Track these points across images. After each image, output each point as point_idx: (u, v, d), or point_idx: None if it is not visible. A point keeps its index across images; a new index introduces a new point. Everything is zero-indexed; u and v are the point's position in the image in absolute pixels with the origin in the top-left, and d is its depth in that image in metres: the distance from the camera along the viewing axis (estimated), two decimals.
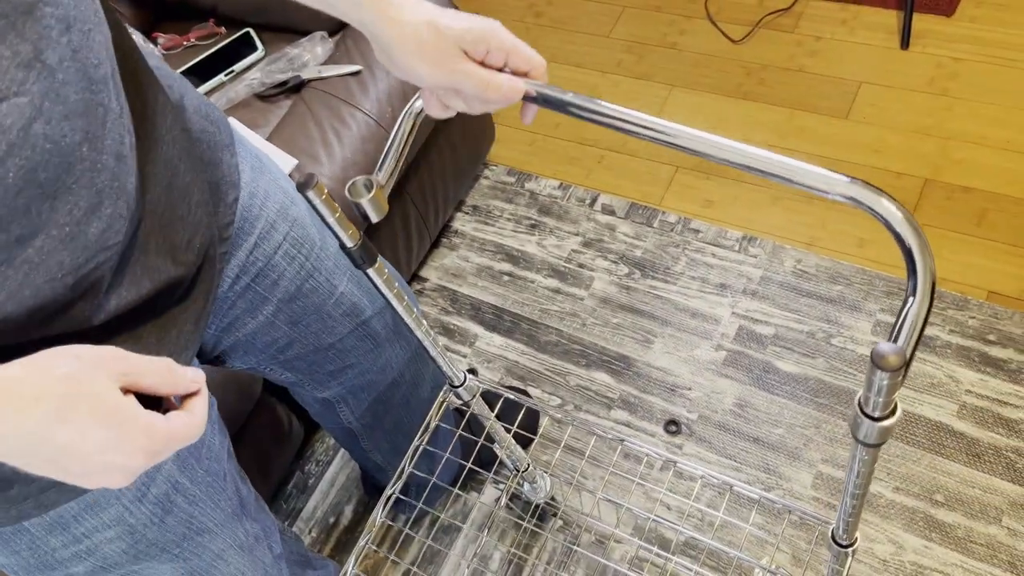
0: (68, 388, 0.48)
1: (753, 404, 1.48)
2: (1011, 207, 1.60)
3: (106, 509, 0.66)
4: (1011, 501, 1.31)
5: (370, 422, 1.18)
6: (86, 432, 0.48)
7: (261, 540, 0.89)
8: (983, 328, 1.48)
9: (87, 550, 0.67)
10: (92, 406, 0.48)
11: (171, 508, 0.71)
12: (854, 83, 1.85)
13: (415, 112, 0.73)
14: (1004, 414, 1.39)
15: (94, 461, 0.49)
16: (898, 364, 0.48)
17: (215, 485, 0.78)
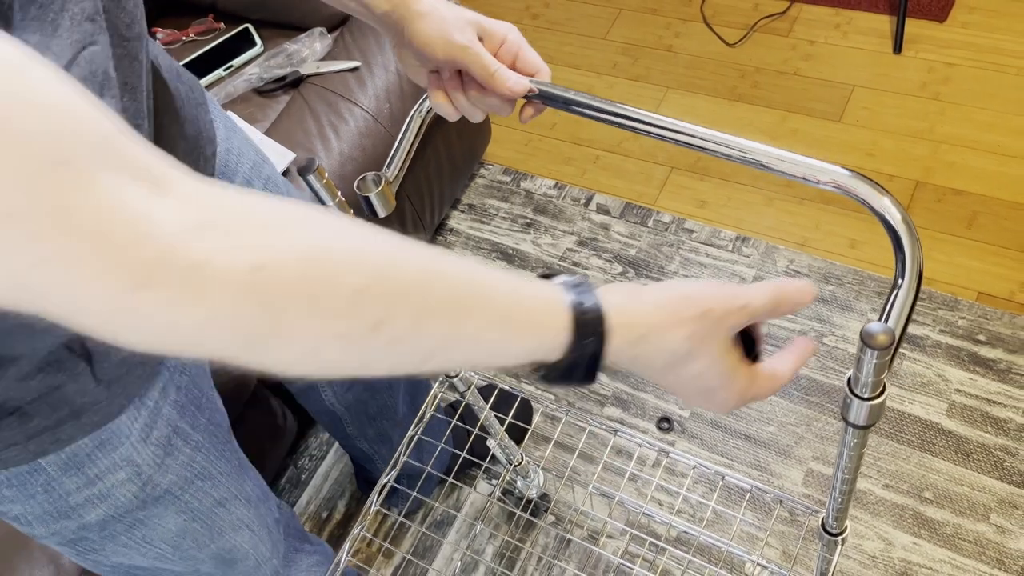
0: (689, 345, 0.51)
1: None
2: (1001, 210, 1.62)
3: (117, 448, 0.67)
4: (999, 499, 1.32)
5: (352, 404, 1.19)
6: (694, 382, 0.53)
7: (264, 500, 0.90)
8: (973, 328, 1.49)
9: (100, 494, 0.68)
10: (708, 369, 0.53)
11: (171, 450, 0.72)
12: (847, 87, 1.87)
13: (424, 112, 0.75)
14: (993, 413, 1.40)
15: (697, 393, 0.55)
16: (887, 342, 0.49)
17: (217, 435, 0.79)
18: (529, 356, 0.48)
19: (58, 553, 1.12)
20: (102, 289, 0.34)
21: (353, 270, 0.40)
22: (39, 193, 0.32)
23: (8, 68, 0.32)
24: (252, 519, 0.86)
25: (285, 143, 1.37)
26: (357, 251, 0.41)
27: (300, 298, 0.39)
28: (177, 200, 0.36)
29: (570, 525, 1.42)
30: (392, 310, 0.42)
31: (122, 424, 0.66)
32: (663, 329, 0.51)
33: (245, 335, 0.38)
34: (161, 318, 0.36)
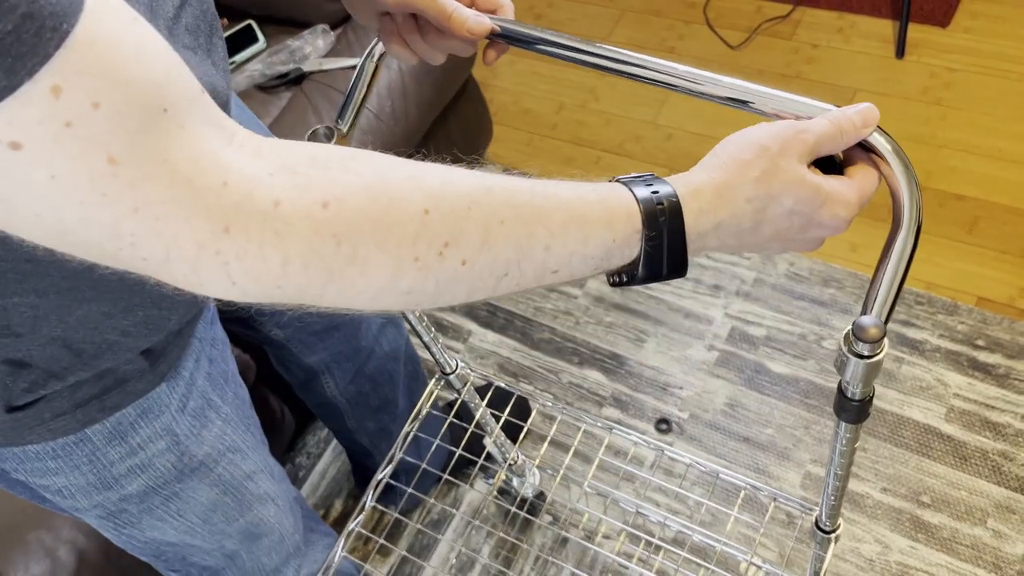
0: (765, 189, 0.50)
1: (744, 404, 1.49)
2: (1002, 215, 1.62)
3: (159, 417, 0.68)
4: (996, 503, 1.32)
5: (355, 396, 1.19)
6: (787, 220, 0.51)
7: (285, 479, 0.91)
8: (972, 333, 1.49)
9: (141, 464, 0.69)
10: (789, 197, 0.50)
11: (206, 422, 0.73)
12: (849, 91, 1.87)
13: (376, 56, 0.72)
14: (991, 418, 1.40)
15: (790, 239, 0.53)
16: (879, 335, 0.49)
17: (243, 410, 0.80)
18: (607, 254, 0.47)
19: (55, 545, 1.12)
20: (192, 234, 0.36)
21: (413, 195, 0.41)
22: (142, 138, 0.33)
23: (117, 16, 0.34)
24: (277, 493, 0.87)
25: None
26: (414, 177, 0.42)
27: (368, 227, 0.40)
28: (250, 151, 0.38)
29: (566, 524, 1.42)
30: (459, 226, 0.42)
31: (162, 393, 0.68)
32: (732, 182, 0.50)
33: (325, 270, 0.39)
34: (247, 261, 0.37)
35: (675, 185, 0.49)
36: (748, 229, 0.51)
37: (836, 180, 0.53)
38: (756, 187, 0.50)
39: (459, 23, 0.61)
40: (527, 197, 0.45)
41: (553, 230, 0.45)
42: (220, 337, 0.78)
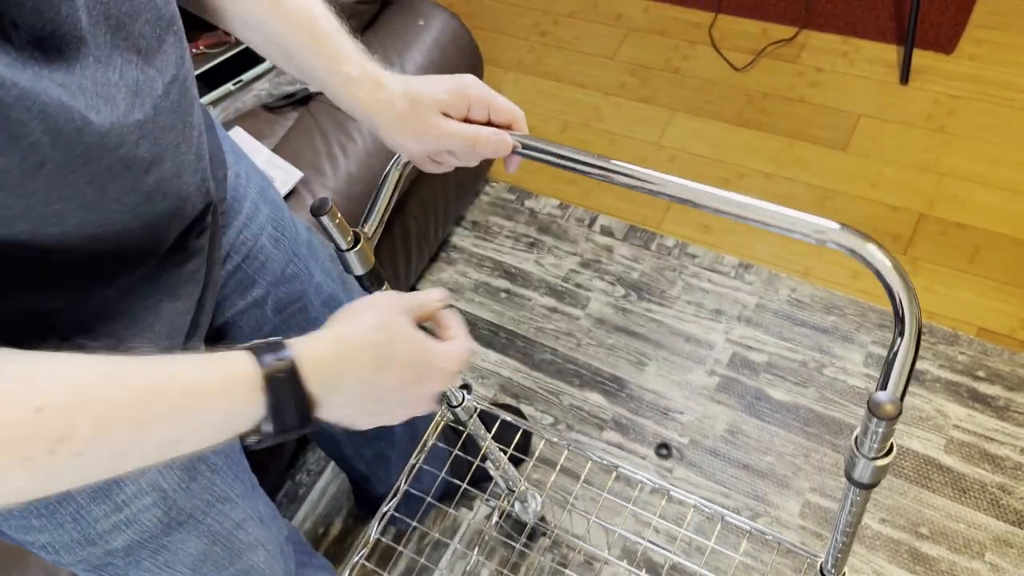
0: (383, 336, 0.57)
1: (744, 431, 1.50)
2: (1003, 245, 1.62)
3: (144, 473, 0.68)
4: (995, 537, 1.33)
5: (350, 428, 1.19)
6: (404, 369, 0.58)
7: (275, 519, 0.91)
8: (972, 364, 1.50)
9: (127, 520, 0.69)
10: (404, 347, 0.59)
11: (195, 475, 0.73)
12: (853, 115, 1.87)
13: (401, 164, 0.75)
14: (990, 450, 1.41)
15: (410, 393, 0.60)
16: (894, 413, 0.49)
17: (233, 457, 0.80)
18: (231, 419, 0.51)
19: (56, 568, 1.12)
20: None
21: (25, 393, 0.43)
22: None
23: None
24: (267, 538, 0.86)
25: (292, 161, 1.38)
26: (27, 377, 0.44)
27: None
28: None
29: (567, 551, 1.42)
30: (72, 420, 0.44)
31: None
32: (351, 331, 0.57)
33: None
34: None
35: (296, 345, 0.53)
36: (370, 378, 0.57)
37: (436, 341, 0.63)
38: (375, 334, 0.57)
39: (483, 148, 0.68)
40: (144, 378, 0.48)
41: (172, 407, 0.48)
42: None
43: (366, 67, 0.67)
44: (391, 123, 0.67)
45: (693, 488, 1.45)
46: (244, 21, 0.70)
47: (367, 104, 0.67)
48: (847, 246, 0.55)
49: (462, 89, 0.67)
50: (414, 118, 0.66)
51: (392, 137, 0.68)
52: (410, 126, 0.67)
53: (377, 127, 0.68)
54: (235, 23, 0.71)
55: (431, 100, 0.66)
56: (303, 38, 0.68)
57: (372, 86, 0.66)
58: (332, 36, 0.68)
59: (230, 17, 0.70)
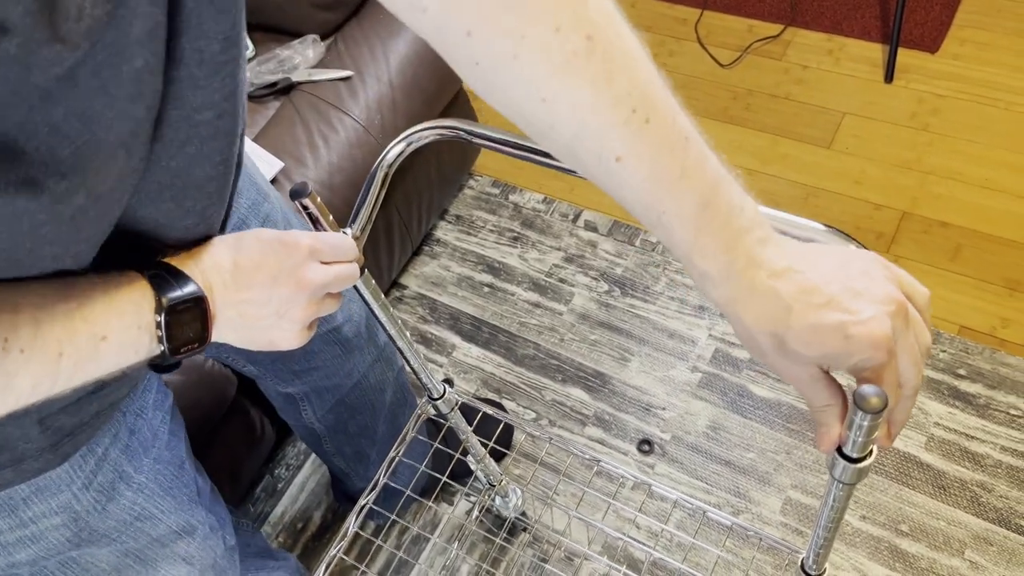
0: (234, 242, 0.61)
1: (726, 427, 1.50)
2: (985, 244, 1.63)
3: (55, 495, 0.66)
4: (974, 534, 1.33)
5: (333, 424, 1.18)
6: (264, 259, 0.60)
7: (216, 530, 0.88)
8: (953, 362, 1.50)
9: (32, 536, 0.66)
10: (256, 244, 0.61)
11: (114, 495, 0.71)
12: (838, 113, 1.87)
13: (387, 164, 0.74)
14: (971, 448, 1.41)
15: (281, 291, 0.61)
16: (880, 406, 0.49)
17: (164, 473, 0.77)
18: (146, 335, 0.53)
19: None
20: None
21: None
22: None
23: None
24: (193, 553, 0.83)
25: (273, 150, 1.36)
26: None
27: None
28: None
29: (548, 546, 1.41)
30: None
31: (63, 472, 0.65)
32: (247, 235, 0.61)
33: None
34: None
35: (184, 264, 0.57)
36: (231, 282, 0.59)
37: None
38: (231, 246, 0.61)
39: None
40: (49, 323, 0.48)
41: (79, 345, 0.49)
42: (151, 403, 0.75)
43: None
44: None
45: (675, 484, 1.44)
46: None
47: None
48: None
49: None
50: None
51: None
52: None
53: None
54: None
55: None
56: None
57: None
58: None
59: None
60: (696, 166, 0.48)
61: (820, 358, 0.50)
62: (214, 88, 0.50)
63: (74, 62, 0.38)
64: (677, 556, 1.32)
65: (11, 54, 0.35)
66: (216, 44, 0.48)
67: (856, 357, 0.49)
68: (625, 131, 0.46)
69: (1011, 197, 1.68)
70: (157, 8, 0.42)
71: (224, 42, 0.48)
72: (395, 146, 0.78)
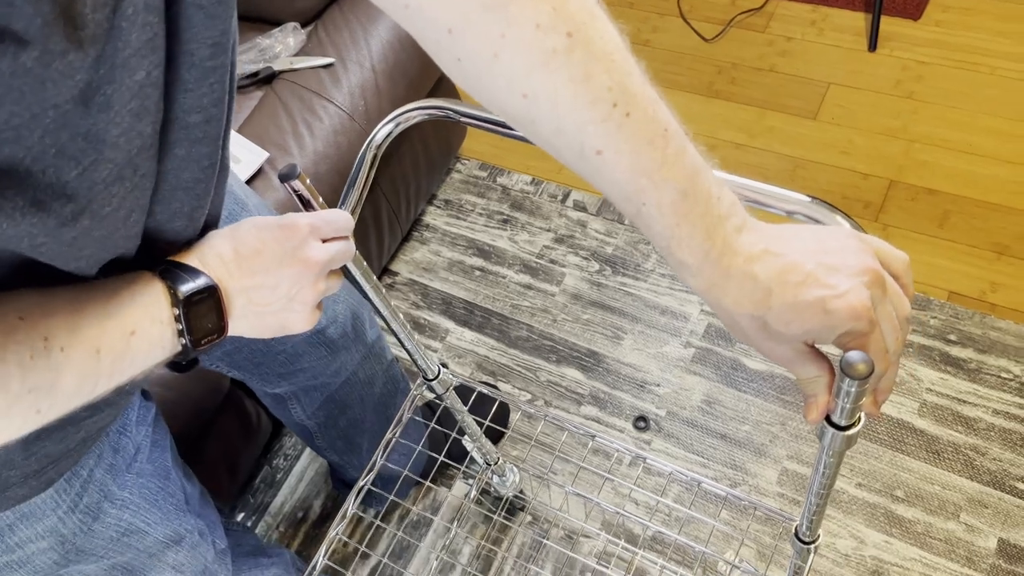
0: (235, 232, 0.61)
1: (721, 401, 1.50)
2: (972, 209, 1.64)
3: (41, 520, 0.66)
4: (969, 498, 1.34)
5: (323, 420, 1.18)
6: (267, 246, 0.60)
7: (205, 535, 0.88)
8: (944, 328, 1.51)
9: (19, 561, 0.67)
10: (256, 233, 0.61)
11: (99, 515, 0.71)
12: (823, 84, 1.87)
13: (376, 144, 0.73)
14: (963, 412, 1.42)
15: (288, 274, 0.61)
16: (866, 372, 0.49)
17: (149, 486, 0.77)
18: (168, 331, 0.53)
19: None
20: None
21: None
22: None
23: None
24: (183, 561, 0.84)
25: (258, 141, 1.35)
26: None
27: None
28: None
29: (547, 524, 1.42)
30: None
31: (47, 498, 0.65)
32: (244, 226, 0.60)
33: None
34: None
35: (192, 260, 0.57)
36: (238, 270, 0.59)
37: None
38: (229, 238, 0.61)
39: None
40: (74, 326, 0.48)
41: (107, 351, 0.49)
42: (134, 419, 0.75)
43: None
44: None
45: (671, 459, 1.45)
46: None
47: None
48: (816, 218, 0.55)
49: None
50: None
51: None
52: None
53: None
54: None
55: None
56: None
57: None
58: None
59: None
60: (675, 157, 0.49)
61: (803, 335, 0.51)
62: (203, 92, 0.50)
63: (83, 77, 0.38)
64: (675, 529, 1.33)
65: (28, 67, 0.35)
66: (206, 49, 0.48)
67: (839, 330, 0.50)
68: (606, 126, 0.46)
69: (997, 162, 1.68)
70: (154, 17, 0.41)
71: (213, 47, 0.48)
72: (383, 127, 0.78)
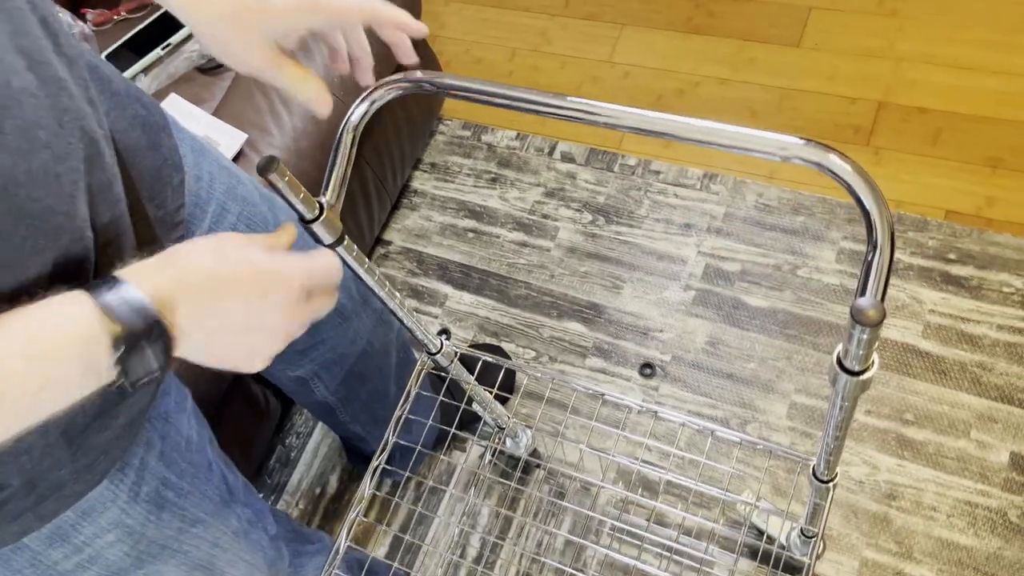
0: (213, 256, 0.54)
1: (725, 341, 1.50)
2: (964, 125, 1.62)
3: (103, 514, 0.66)
4: (978, 414, 1.35)
5: (345, 395, 1.18)
6: (239, 287, 0.53)
7: (255, 523, 0.89)
8: (943, 248, 1.50)
9: (90, 558, 0.67)
10: (234, 265, 0.54)
11: (164, 504, 0.71)
12: (804, 9, 1.83)
13: (353, 126, 0.71)
14: (967, 330, 1.42)
15: (255, 317, 0.54)
16: (877, 318, 0.48)
17: (200, 476, 0.78)
18: (93, 376, 0.46)
19: None
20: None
21: None
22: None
23: None
24: (245, 549, 0.85)
25: (235, 123, 1.32)
26: None
27: None
28: None
29: (563, 479, 1.43)
30: None
31: (104, 490, 0.65)
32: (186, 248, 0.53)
33: None
34: None
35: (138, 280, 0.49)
36: (208, 304, 0.52)
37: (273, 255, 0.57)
38: (207, 258, 0.54)
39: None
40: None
41: (19, 388, 0.44)
42: (173, 406, 0.74)
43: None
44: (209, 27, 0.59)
45: (680, 403, 1.46)
46: None
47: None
48: (812, 160, 0.53)
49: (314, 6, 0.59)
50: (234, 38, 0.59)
51: (211, 47, 0.61)
52: (230, 44, 0.60)
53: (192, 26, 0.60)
54: None
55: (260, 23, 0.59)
56: None
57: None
58: None
59: None
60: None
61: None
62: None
63: None
64: (691, 474, 1.34)
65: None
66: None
67: None
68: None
69: (985, 74, 1.66)
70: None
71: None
72: (358, 106, 0.76)
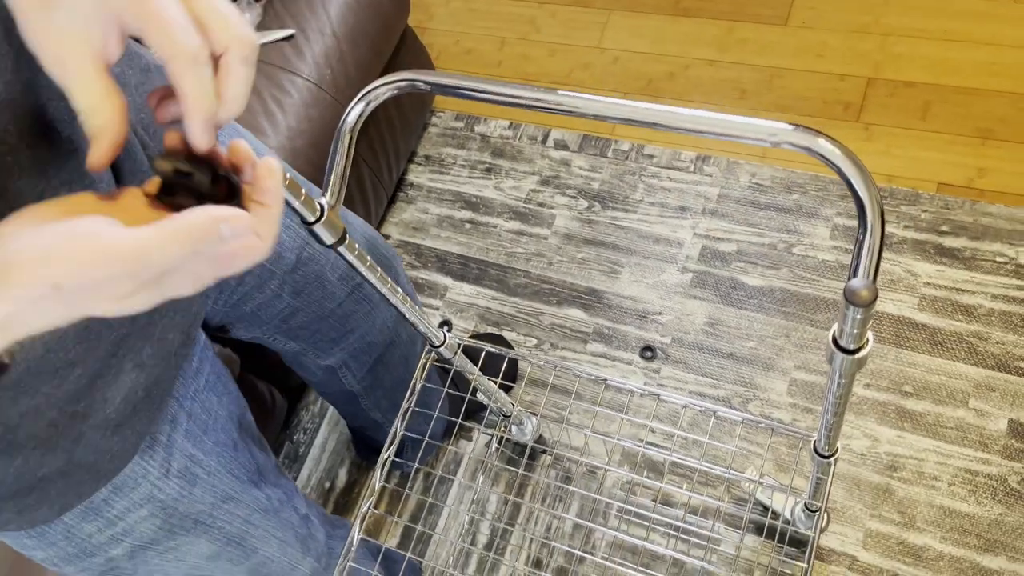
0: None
1: (723, 321, 1.52)
2: (953, 96, 1.63)
3: (135, 489, 0.68)
4: (976, 383, 1.37)
5: (371, 383, 1.20)
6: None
7: (285, 503, 0.91)
8: (936, 220, 1.52)
9: (123, 532, 0.69)
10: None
11: (195, 480, 0.73)
12: None
13: (349, 127, 0.72)
14: (962, 301, 1.44)
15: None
16: (870, 298, 0.50)
17: (225, 455, 0.79)
18: None
19: None
20: None
21: None
22: None
23: None
24: (276, 526, 0.87)
25: (229, 125, 1.33)
26: None
27: None
28: None
29: (569, 465, 1.45)
30: None
31: (135, 466, 0.67)
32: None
33: None
34: None
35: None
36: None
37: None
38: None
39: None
40: None
41: None
42: (203, 384, 0.76)
43: None
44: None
45: (682, 384, 1.48)
46: None
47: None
48: (801, 144, 0.55)
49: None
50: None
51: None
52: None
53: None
54: None
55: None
56: None
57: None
58: None
59: None
60: None
61: None
62: None
63: None
64: (696, 453, 1.36)
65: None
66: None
67: None
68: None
69: (972, 45, 1.67)
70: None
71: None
72: (354, 107, 0.77)
